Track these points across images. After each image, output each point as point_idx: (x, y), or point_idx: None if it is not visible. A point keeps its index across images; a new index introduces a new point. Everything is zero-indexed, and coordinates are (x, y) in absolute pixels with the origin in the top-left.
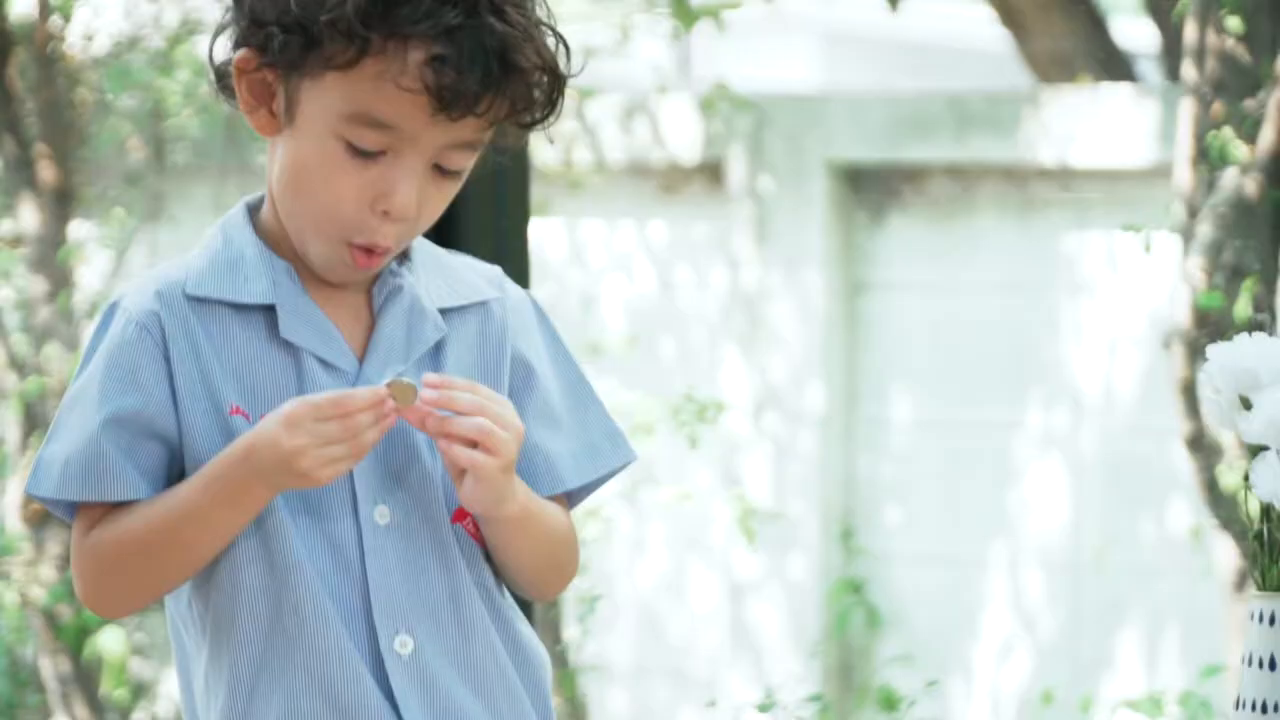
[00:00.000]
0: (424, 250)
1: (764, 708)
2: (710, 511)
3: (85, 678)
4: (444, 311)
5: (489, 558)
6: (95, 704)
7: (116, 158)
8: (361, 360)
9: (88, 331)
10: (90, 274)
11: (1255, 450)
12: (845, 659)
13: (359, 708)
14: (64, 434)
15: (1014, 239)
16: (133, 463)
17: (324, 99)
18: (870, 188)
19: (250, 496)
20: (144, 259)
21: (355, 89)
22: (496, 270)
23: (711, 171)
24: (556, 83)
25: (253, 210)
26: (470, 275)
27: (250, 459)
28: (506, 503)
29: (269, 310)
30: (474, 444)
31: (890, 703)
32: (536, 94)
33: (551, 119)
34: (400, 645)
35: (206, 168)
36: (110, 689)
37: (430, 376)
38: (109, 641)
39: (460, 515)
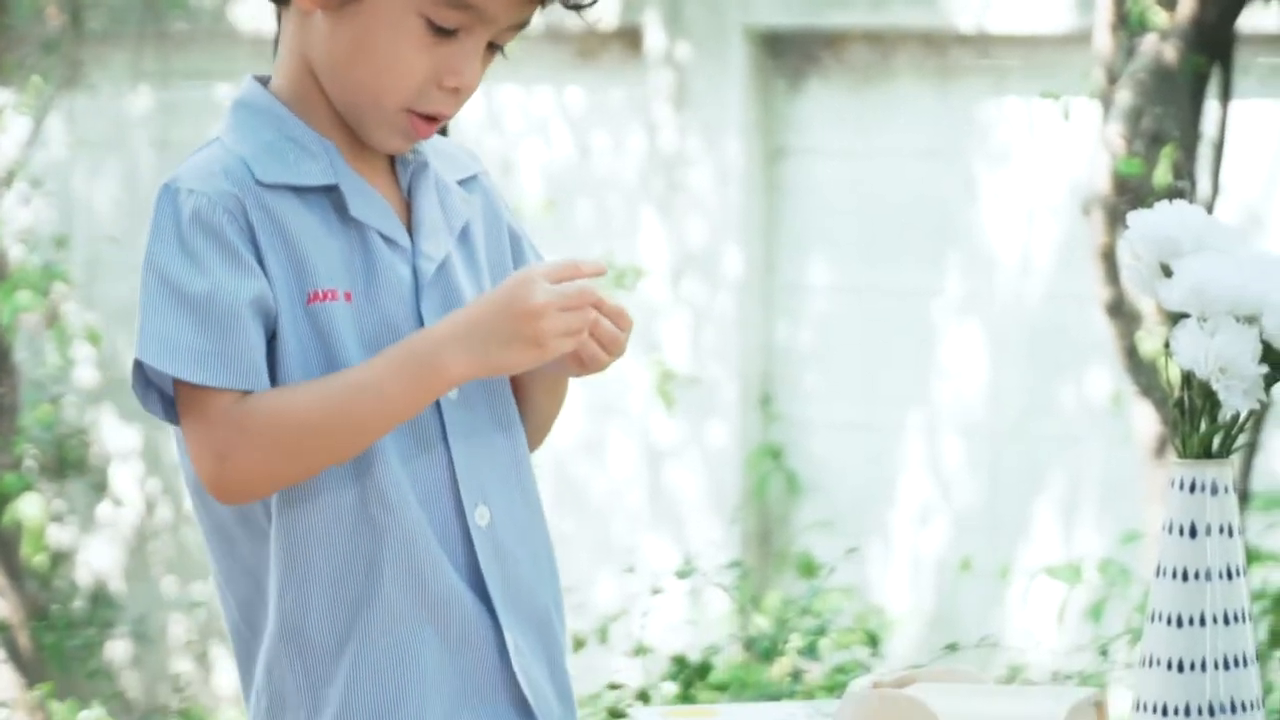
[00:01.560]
0: None
1: (683, 574)
2: (628, 377)
3: (4, 544)
4: (457, 184)
5: None
6: (14, 570)
7: (34, 25)
8: (412, 236)
9: (7, 197)
10: (8, 141)
11: (1176, 317)
12: (764, 525)
13: (445, 591)
14: (184, 313)
15: (933, 105)
16: (261, 351)
17: None
18: (788, 53)
19: (444, 377)
20: (62, 126)
21: None
22: (466, 146)
23: (629, 37)
24: None
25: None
26: (455, 150)
27: (454, 334)
28: None
29: (328, 191)
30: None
31: (809, 569)
32: None
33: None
34: (480, 517)
35: (124, 35)
36: (29, 556)
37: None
38: (28, 508)
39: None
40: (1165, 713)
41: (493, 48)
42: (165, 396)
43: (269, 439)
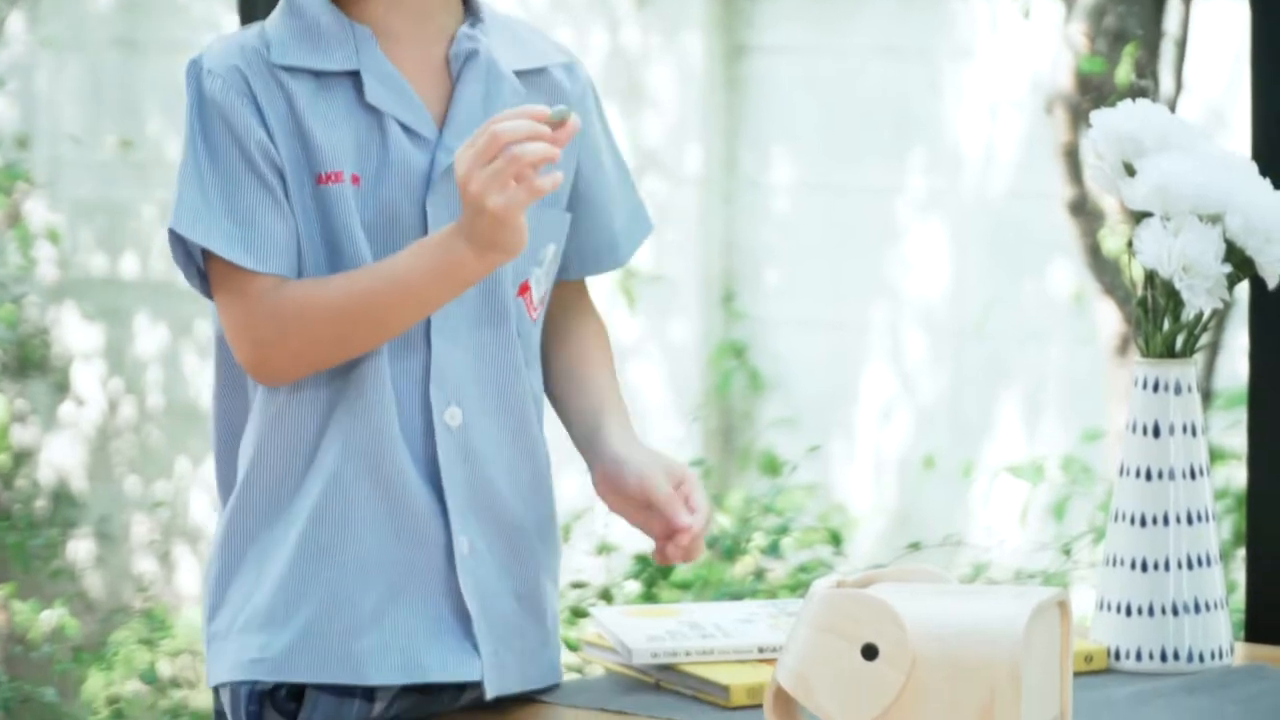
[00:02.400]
0: (493, 13)
1: None
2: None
3: None
4: (516, 74)
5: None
6: None
7: None
8: (441, 127)
9: None
10: None
11: (1139, 216)
12: (727, 423)
13: (397, 479)
14: (213, 197)
15: (895, 2)
16: (286, 235)
17: None
18: None
19: (456, 264)
20: (24, 24)
21: None
22: (564, 44)
23: None
24: None
25: None
26: (537, 39)
27: (458, 228)
28: None
29: (352, 76)
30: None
31: (772, 466)
32: None
33: None
34: (450, 417)
35: None
36: None
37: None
38: None
39: (524, 289)
40: (1129, 612)
41: None
42: (203, 271)
43: (301, 328)
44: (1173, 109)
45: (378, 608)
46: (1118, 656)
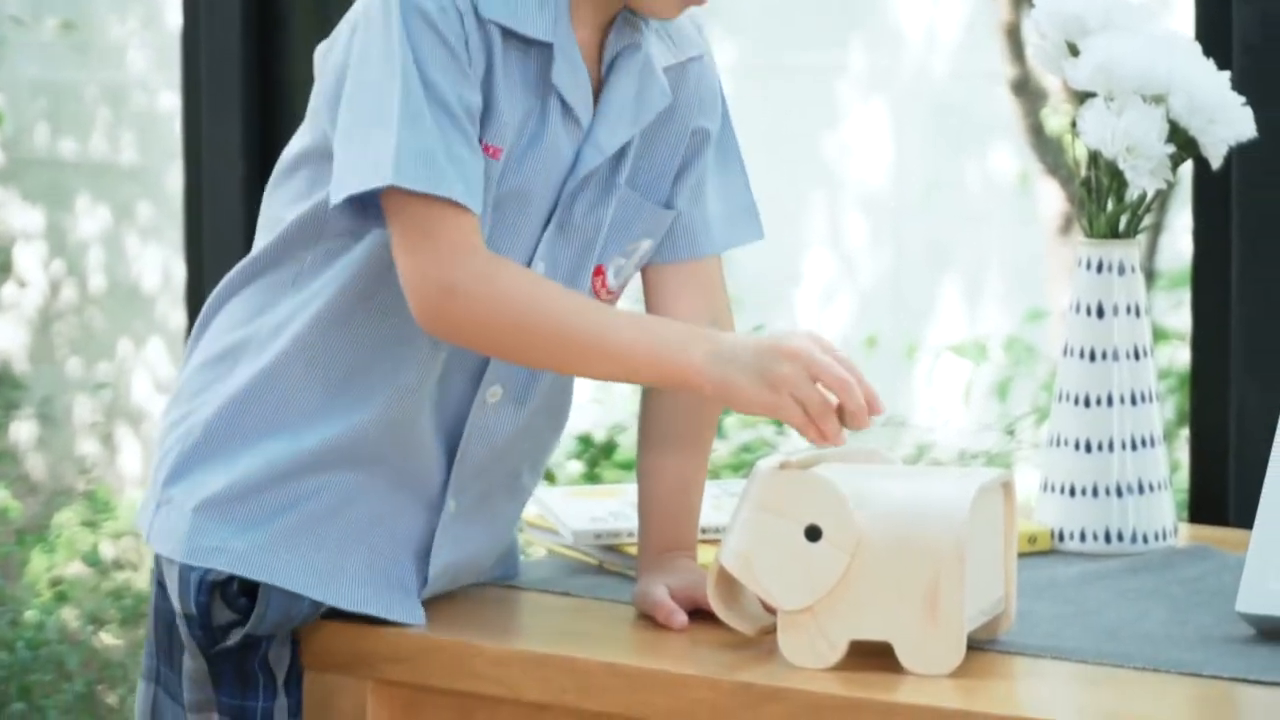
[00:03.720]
0: None
1: None
2: None
3: None
4: (665, 70)
5: None
6: None
7: None
8: (593, 118)
9: None
10: None
11: (1082, 97)
12: None
13: (416, 446)
14: (404, 121)
15: None
16: (480, 169)
17: None
18: None
19: (681, 367)
20: None
21: None
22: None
23: None
24: None
25: None
26: (689, 29)
27: (713, 339)
28: None
29: (542, 47)
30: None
31: None
32: None
33: None
34: (491, 395)
35: None
36: None
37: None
38: None
39: (598, 271)
40: (1073, 493)
41: None
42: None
43: (510, 308)
44: None
45: (352, 533)
46: (1062, 537)
